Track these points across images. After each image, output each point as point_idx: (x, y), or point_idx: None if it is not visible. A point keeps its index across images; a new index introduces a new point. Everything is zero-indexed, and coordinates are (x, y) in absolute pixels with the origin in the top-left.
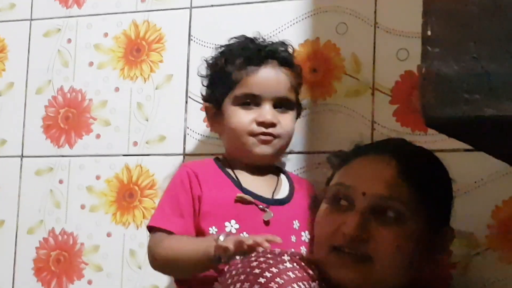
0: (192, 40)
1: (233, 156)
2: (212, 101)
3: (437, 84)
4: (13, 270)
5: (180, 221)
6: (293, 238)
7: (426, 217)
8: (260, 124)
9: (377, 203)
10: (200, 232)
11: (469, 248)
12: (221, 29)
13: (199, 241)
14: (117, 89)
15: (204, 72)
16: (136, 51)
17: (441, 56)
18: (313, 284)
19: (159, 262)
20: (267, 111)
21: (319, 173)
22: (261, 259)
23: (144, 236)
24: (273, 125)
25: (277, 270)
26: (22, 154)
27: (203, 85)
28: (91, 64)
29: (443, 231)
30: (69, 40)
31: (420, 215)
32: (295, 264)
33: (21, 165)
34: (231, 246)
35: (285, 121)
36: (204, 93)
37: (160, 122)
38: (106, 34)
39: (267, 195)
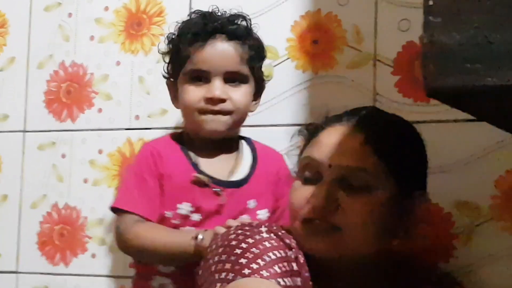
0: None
1: (189, 132)
2: (171, 78)
3: (439, 54)
4: (17, 245)
5: (148, 205)
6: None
7: (395, 185)
8: (208, 100)
9: (343, 174)
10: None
11: (472, 218)
12: (222, 2)
13: (177, 236)
14: (118, 63)
15: (165, 48)
16: (137, 24)
17: (443, 26)
18: (289, 252)
19: (131, 249)
20: (215, 87)
21: None
22: (239, 231)
23: None
24: (222, 101)
25: (253, 240)
26: (24, 129)
27: (164, 62)
28: (92, 38)
29: (412, 196)
30: (70, 14)
31: (388, 183)
32: (272, 234)
33: (23, 140)
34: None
35: (237, 95)
36: (165, 70)
37: (161, 95)
38: (106, 8)
39: (224, 176)
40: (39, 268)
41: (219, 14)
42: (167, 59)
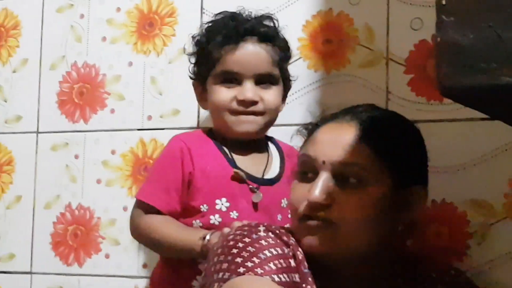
0: (204, 13)
1: (220, 131)
2: (198, 79)
3: (452, 54)
4: (31, 245)
5: (165, 197)
6: (279, 217)
7: (390, 180)
8: (241, 102)
9: (337, 170)
10: (190, 209)
11: (486, 217)
12: (233, 2)
13: (185, 233)
14: (130, 64)
15: (191, 49)
16: (149, 25)
17: (456, 25)
18: (286, 249)
19: (141, 238)
20: (247, 89)
21: None
22: (238, 231)
23: None
24: (254, 103)
25: (249, 239)
26: (37, 130)
27: (190, 63)
28: (104, 39)
29: (409, 191)
30: (82, 16)
31: (383, 177)
32: (269, 233)
33: (36, 140)
34: None
35: (269, 96)
36: (191, 71)
37: (174, 96)
38: (118, 9)
39: (258, 174)
40: (53, 269)
41: (246, 15)
42: (192, 60)
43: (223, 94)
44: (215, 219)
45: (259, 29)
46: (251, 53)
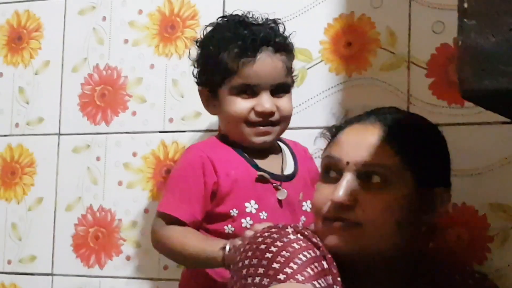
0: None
1: (235, 139)
2: (207, 86)
3: (474, 57)
4: (53, 247)
5: (188, 208)
6: (298, 211)
7: (413, 181)
8: (259, 114)
9: (361, 170)
10: (219, 215)
11: (507, 221)
12: (255, 5)
13: (207, 245)
14: (152, 66)
15: (195, 53)
16: (171, 27)
17: (478, 29)
18: (318, 251)
19: (162, 249)
20: (265, 100)
21: None
22: (266, 234)
23: None
24: (272, 114)
25: (281, 243)
26: (59, 132)
27: (194, 67)
28: (126, 41)
29: (432, 192)
30: (104, 18)
31: (406, 179)
32: (298, 235)
33: (58, 142)
34: None
35: (284, 105)
36: (197, 76)
37: (195, 98)
38: (140, 11)
39: (278, 171)
40: (74, 271)
41: (254, 19)
42: (197, 65)
43: (241, 105)
44: (246, 222)
45: (274, 39)
46: (268, 65)
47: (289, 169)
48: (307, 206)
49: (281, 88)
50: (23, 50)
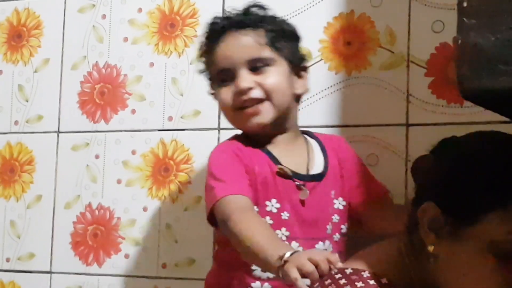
0: (226, 14)
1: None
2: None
3: (473, 56)
4: (51, 245)
5: (242, 184)
6: (330, 210)
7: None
8: (237, 94)
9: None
10: None
11: None
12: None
13: (268, 245)
14: (151, 64)
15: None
16: (170, 26)
17: (477, 28)
18: None
19: (228, 232)
20: (240, 79)
21: (354, 147)
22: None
23: (180, 210)
24: (249, 89)
25: None
26: (58, 130)
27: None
28: (125, 39)
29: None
30: (104, 16)
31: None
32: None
33: (57, 140)
34: (294, 275)
35: (267, 79)
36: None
37: (194, 96)
38: (140, 10)
39: (303, 170)
40: (72, 268)
41: (237, 11)
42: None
43: (223, 94)
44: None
45: (234, 19)
46: (234, 44)
47: (317, 168)
48: (339, 204)
49: (260, 63)
50: (22, 48)
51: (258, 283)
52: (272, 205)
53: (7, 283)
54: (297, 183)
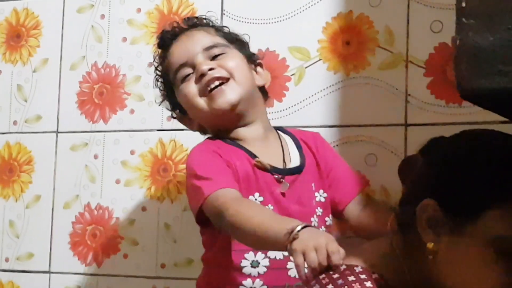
0: (224, 14)
1: (220, 130)
2: (176, 109)
3: (472, 56)
4: (50, 245)
5: (228, 178)
6: (314, 202)
7: (238, 51)
8: (200, 78)
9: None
10: None
11: None
12: (253, 3)
13: (275, 221)
14: (150, 65)
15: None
16: (169, 26)
17: (476, 28)
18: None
19: (228, 225)
20: (199, 64)
21: (353, 147)
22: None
23: (178, 210)
24: (211, 69)
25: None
26: (57, 130)
27: (167, 109)
28: (124, 39)
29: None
30: (102, 16)
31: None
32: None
33: (56, 140)
34: (298, 261)
35: (226, 61)
36: (169, 108)
37: None
38: (139, 10)
39: (279, 165)
40: (71, 268)
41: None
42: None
43: (186, 88)
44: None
45: (185, 25)
46: (186, 40)
47: (294, 162)
48: (320, 196)
49: (216, 50)
50: (21, 48)
51: (249, 280)
52: (256, 199)
53: (6, 283)
54: (275, 176)
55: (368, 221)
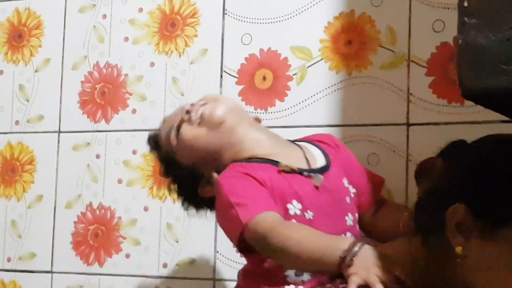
0: (226, 14)
1: (237, 156)
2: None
3: (474, 55)
4: (52, 244)
5: (263, 199)
6: (348, 199)
7: None
8: (186, 115)
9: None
10: None
11: None
12: (255, 3)
13: (325, 244)
14: (152, 64)
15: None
16: (171, 25)
17: (478, 27)
18: None
19: (275, 251)
20: (181, 109)
21: (355, 146)
22: None
23: (181, 209)
24: (192, 104)
25: None
26: (59, 130)
27: (183, 201)
28: (126, 39)
29: None
30: (104, 16)
31: None
32: None
33: (58, 140)
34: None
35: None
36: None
37: (195, 96)
38: (140, 9)
39: (305, 166)
40: (73, 268)
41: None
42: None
43: (182, 133)
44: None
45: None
46: (166, 123)
47: (320, 161)
48: (351, 192)
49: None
50: (23, 48)
51: (292, 287)
52: (294, 206)
53: (8, 282)
54: (305, 173)
55: (383, 222)
